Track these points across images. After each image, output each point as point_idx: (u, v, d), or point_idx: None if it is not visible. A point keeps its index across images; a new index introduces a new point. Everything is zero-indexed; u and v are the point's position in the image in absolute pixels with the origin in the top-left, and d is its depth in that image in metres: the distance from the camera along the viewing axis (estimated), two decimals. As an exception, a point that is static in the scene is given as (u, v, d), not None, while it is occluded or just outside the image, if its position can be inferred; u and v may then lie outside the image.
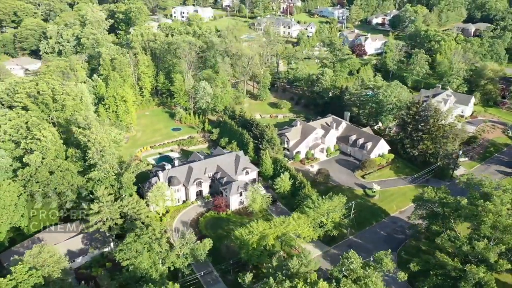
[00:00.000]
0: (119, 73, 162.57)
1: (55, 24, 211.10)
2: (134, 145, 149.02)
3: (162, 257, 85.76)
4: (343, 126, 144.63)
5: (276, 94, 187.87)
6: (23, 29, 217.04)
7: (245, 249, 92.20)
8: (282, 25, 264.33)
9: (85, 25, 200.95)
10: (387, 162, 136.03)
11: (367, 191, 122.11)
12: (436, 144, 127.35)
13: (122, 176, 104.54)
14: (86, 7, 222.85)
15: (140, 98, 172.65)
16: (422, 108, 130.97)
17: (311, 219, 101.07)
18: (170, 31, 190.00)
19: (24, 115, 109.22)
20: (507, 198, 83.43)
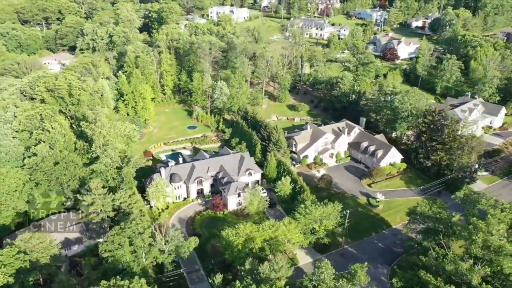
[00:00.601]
0: (142, 70, 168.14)
1: (92, 22, 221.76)
2: (149, 141, 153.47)
3: (145, 251, 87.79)
4: (356, 132, 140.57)
5: (297, 97, 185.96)
6: (63, 26, 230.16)
7: (229, 250, 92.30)
8: (315, 27, 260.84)
9: (118, 23, 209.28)
10: (398, 171, 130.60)
11: (371, 200, 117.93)
12: (451, 156, 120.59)
13: (122, 170, 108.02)
14: (122, 6, 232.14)
15: (161, 95, 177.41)
16: (439, 117, 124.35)
17: (302, 225, 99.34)
18: (195, 31, 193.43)
19: (38, 107, 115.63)
20: (504, 217, 77.56)
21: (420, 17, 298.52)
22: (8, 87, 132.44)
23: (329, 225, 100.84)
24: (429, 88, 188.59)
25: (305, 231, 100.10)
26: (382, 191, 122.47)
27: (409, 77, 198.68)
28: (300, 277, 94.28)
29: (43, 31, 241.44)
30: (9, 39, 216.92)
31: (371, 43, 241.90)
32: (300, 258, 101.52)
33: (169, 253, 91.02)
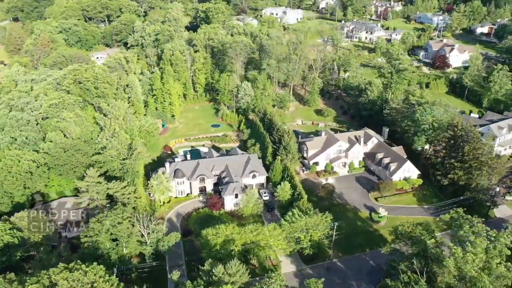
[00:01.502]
0: (175, 68, 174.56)
1: (144, 20, 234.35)
2: (172, 136, 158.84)
3: (124, 241, 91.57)
4: (374, 142, 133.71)
5: (328, 102, 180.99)
6: (118, 23, 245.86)
7: (207, 249, 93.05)
8: (365, 30, 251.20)
9: (165, 22, 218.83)
10: (413, 187, 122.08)
11: (373, 215, 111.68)
12: (469, 176, 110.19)
13: (125, 162, 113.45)
14: (173, 6, 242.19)
15: (192, 92, 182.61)
16: (461, 132, 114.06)
17: (287, 232, 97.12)
18: (231, 31, 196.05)
19: (62, 97, 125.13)
20: (492, 249, 69.82)
21: (486, 22, 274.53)
22: (47, 78, 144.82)
23: (315, 236, 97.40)
24: (475, 100, 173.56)
25: (290, 240, 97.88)
26: (389, 206, 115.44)
27: (455, 88, 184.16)
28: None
29: (102, 28, 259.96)
30: (71, 34, 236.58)
31: (422, 49, 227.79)
32: (283, 266, 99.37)
33: (150, 245, 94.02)
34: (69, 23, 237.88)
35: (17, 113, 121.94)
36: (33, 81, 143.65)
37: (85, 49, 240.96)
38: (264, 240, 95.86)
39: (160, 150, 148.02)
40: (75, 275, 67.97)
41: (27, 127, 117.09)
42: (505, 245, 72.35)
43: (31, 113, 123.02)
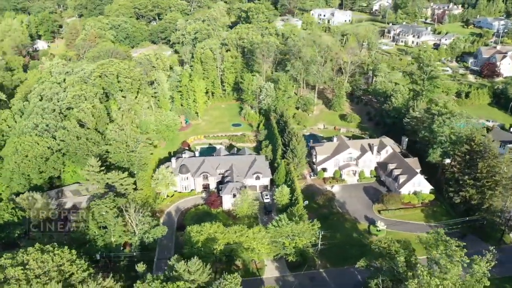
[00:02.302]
0: (204, 66, 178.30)
1: (188, 18, 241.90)
2: (193, 132, 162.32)
3: (112, 229, 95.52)
4: (388, 151, 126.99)
5: (356, 107, 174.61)
6: (164, 21, 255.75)
7: (189, 246, 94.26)
8: (411, 34, 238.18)
9: (205, 21, 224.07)
10: (423, 202, 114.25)
11: (371, 227, 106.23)
12: (482, 195, 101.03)
13: (131, 154, 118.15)
14: (216, 5, 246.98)
15: (220, 91, 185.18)
16: (479, 147, 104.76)
17: (271, 237, 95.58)
18: (262, 32, 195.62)
19: (85, 89, 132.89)
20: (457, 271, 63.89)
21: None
22: (80, 71, 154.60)
23: (299, 243, 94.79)
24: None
25: (275, 244, 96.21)
26: (392, 220, 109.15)
27: (499, 99, 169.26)
28: (258, 285, 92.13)
29: (149, 25, 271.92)
30: (120, 31, 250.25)
31: (472, 56, 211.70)
32: (267, 271, 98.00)
33: (138, 236, 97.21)
34: (119, 20, 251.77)
35: (44, 102, 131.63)
36: (67, 74, 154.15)
37: (132, 46, 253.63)
38: (248, 242, 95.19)
39: (178, 145, 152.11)
40: (44, 257, 72.22)
41: (50, 115, 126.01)
42: (484, 274, 65.59)
43: (56, 103, 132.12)
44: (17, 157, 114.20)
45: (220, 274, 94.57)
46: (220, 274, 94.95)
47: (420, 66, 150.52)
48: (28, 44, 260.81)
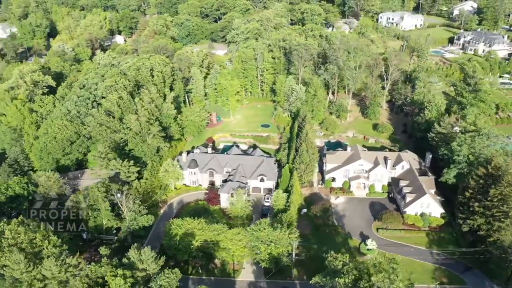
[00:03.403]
0: (244, 65, 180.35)
1: (242, 19, 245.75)
2: (221, 129, 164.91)
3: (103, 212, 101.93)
4: (404, 167, 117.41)
5: (394, 117, 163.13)
6: (224, 20, 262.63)
7: (168, 238, 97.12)
8: (483, 42, 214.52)
9: (259, 21, 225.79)
10: (430, 226, 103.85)
11: (362, 245, 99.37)
12: (490, 226, 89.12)
13: (142, 145, 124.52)
14: (273, 6, 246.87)
15: (258, 91, 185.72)
16: (496, 172, 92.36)
17: (247, 240, 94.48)
18: (307, 34, 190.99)
19: (116, 81, 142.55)
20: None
21: None
22: (124, 64, 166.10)
23: (274, 250, 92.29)
24: None
25: (252, 248, 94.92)
26: (389, 241, 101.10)
27: None
28: (231, 285, 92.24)
29: (211, 24, 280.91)
30: (183, 28, 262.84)
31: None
32: (243, 273, 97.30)
33: (128, 222, 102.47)
34: (183, 18, 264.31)
35: (82, 91, 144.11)
36: (112, 66, 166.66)
37: (193, 43, 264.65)
38: (225, 242, 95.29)
39: (203, 141, 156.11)
40: (19, 229, 79.90)
41: (82, 103, 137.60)
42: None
43: (92, 92, 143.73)
44: (47, 138, 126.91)
45: (197, 270, 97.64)
46: (197, 270, 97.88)
47: (464, 77, 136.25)
48: (105, 38, 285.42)
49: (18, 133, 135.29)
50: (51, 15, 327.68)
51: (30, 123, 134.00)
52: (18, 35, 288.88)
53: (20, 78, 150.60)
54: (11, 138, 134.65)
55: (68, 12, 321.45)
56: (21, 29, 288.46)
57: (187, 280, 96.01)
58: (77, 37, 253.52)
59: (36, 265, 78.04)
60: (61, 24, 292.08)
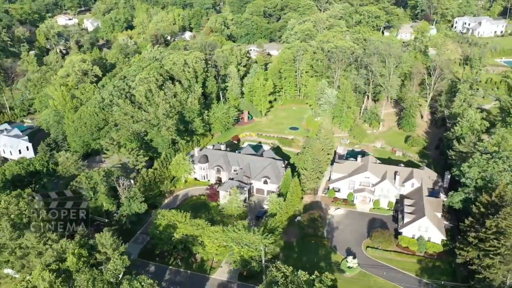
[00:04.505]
0: (283, 66, 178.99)
1: (299, 20, 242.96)
2: (249, 128, 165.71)
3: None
4: (414, 185, 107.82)
5: (434, 130, 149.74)
6: (282, 21, 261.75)
7: (153, 227, 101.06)
8: None
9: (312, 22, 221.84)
10: (426, 252, 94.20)
11: (343, 262, 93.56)
12: (482, 260, 78.57)
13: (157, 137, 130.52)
14: (332, 7, 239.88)
15: (295, 92, 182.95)
16: (499, 201, 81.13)
17: (222, 239, 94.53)
18: (353, 36, 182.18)
19: (148, 73, 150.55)
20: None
21: None
22: (167, 59, 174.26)
23: (245, 253, 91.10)
24: None
25: (228, 248, 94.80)
26: (376, 262, 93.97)
27: None
28: (203, 281, 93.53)
29: (271, 24, 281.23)
30: (242, 27, 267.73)
31: None
32: (218, 272, 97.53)
33: (124, 207, 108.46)
34: (242, 17, 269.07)
35: (120, 82, 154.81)
36: (156, 60, 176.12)
37: (251, 42, 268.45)
38: (202, 238, 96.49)
39: (229, 138, 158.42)
40: (11, 200, 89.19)
41: (117, 92, 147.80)
42: None
43: (128, 83, 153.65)
44: (78, 122, 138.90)
45: (177, 262, 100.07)
46: (177, 262, 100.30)
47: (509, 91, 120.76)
48: (172, 34, 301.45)
49: (60, 116, 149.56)
50: (135, 11, 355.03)
51: (70, 107, 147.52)
52: (101, 29, 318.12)
53: (72, 67, 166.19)
54: (54, 120, 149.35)
55: (147, 8, 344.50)
56: (103, 24, 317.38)
57: (165, 269, 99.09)
58: (144, 32, 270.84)
59: (21, 235, 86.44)
60: (136, 20, 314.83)
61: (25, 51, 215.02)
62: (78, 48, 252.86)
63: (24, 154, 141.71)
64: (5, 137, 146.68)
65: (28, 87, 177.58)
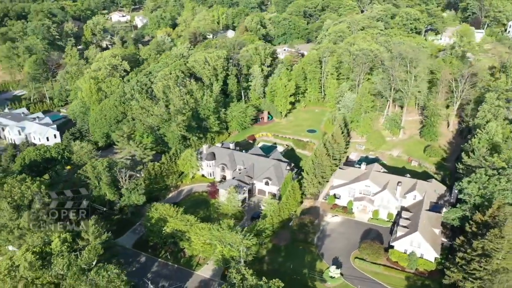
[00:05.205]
0: (308, 67, 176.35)
1: (333, 19, 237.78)
2: (268, 129, 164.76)
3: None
4: (416, 197, 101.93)
5: (459, 140, 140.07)
6: (319, 21, 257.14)
7: (146, 219, 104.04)
8: None
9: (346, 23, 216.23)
10: (417, 269, 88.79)
11: (326, 271, 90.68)
12: (464, 283, 72.94)
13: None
14: (370, 8, 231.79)
15: (318, 95, 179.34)
16: (490, 221, 74.83)
17: (206, 237, 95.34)
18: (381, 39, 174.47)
19: (170, 70, 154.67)
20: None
21: None
22: (195, 56, 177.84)
23: (226, 252, 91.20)
24: None
25: (213, 245, 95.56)
26: (361, 274, 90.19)
27: None
28: (187, 276, 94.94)
29: (309, 24, 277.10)
30: (279, 27, 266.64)
31: None
32: (203, 268, 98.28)
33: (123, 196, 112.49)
34: (280, 17, 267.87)
35: (143, 77, 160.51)
36: (182, 57, 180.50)
37: (288, 42, 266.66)
38: (189, 234, 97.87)
39: (244, 137, 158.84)
40: (15, 184, 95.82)
41: (138, 87, 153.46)
42: None
43: (151, 79, 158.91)
44: (99, 114, 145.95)
45: (166, 255, 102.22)
46: (166, 255, 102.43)
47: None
48: (214, 32, 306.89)
49: (86, 107, 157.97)
50: (183, 9, 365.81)
51: (95, 99, 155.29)
52: (147, 26, 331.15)
53: (103, 61, 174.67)
54: (80, 111, 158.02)
55: (193, 7, 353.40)
56: (150, 21, 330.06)
57: (154, 261, 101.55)
58: (182, 30, 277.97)
59: (21, 216, 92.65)
60: (180, 18, 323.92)
61: (70, 45, 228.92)
62: (121, 44, 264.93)
63: (51, 141, 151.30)
64: (36, 125, 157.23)
65: (66, 79, 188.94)
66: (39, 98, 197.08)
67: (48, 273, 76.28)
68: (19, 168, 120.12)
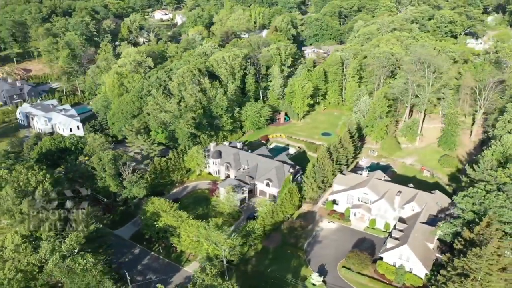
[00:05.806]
0: (329, 69, 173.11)
1: (364, 20, 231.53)
2: (283, 130, 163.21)
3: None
4: (414, 209, 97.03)
5: (479, 150, 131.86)
6: (351, 22, 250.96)
7: (142, 212, 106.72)
8: None
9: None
10: (405, 284, 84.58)
11: (309, 278, 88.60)
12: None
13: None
14: (405, 9, 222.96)
15: (338, 97, 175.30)
16: (476, 239, 69.93)
17: (194, 234, 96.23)
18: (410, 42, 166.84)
19: (187, 69, 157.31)
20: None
21: None
22: (216, 54, 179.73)
23: (211, 250, 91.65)
24: None
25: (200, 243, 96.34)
26: (346, 283, 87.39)
27: None
28: (174, 271, 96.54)
29: (341, 25, 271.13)
30: (311, 27, 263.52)
31: None
32: (192, 265, 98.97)
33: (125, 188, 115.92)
34: (312, 17, 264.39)
35: (163, 73, 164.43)
36: (205, 55, 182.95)
37: (320, 43, 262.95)
38: (180, 229, 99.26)
39: (258, 137, 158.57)
40: (22, 170, 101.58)
41: (156, 84, 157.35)
42: None
43: (170, 75, 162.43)
44: (117, 109, 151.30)
45: (159, 249, 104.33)
46: (159, 249, 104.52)
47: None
48: (248, 31, 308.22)
49: (108, 101, 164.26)
50: (223, 8, 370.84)
51: (116, 94, 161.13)
52: (185, 24, 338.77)
53: (128, 57, 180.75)
54: (102, 104, 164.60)
55: (232, 6, 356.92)
56: (188, 19, 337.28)
57: (147, 254, 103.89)
58: (216, 29, 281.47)
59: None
60: (216, 17, 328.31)
61: (106, 41, 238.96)
62: (156, 41, 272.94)
63: (75, 132, 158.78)
64: (62, 116, 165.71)
65: (96, 73, 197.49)
66: (72, 91, 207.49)
67: (34, 257, 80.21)
68: (36, 157, 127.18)
